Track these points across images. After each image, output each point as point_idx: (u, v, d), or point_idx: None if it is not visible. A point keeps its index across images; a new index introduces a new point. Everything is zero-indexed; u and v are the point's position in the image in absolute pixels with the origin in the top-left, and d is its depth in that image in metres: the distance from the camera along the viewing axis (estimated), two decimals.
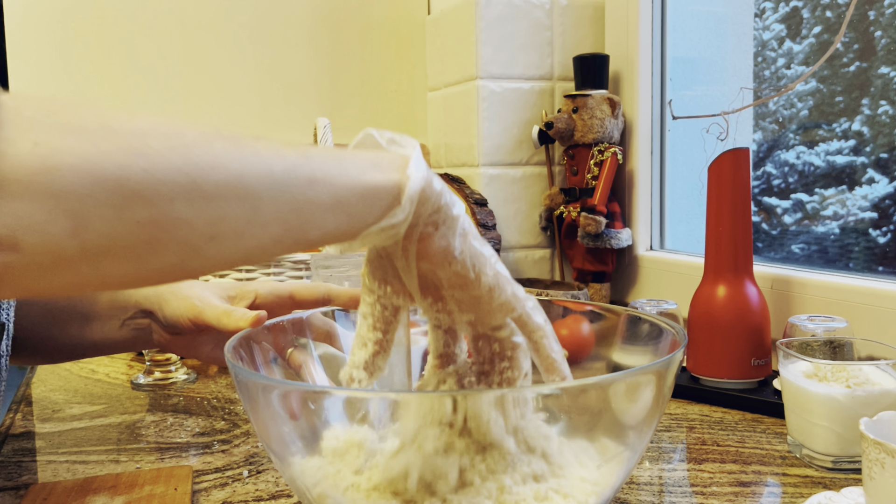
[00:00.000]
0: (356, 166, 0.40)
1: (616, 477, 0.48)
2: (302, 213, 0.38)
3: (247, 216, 0.36)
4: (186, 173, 0.34)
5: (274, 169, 0.37)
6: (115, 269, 0.34)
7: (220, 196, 0.35)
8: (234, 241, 0.36)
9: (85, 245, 0.32)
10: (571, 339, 0.61)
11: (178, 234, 0.34)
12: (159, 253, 0.34)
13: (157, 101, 1.27)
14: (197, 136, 0.35)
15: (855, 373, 0.62)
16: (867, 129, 0.96)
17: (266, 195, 0.36)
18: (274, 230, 0.37)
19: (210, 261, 0.37)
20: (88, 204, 0.31)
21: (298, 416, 0.46)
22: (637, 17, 1.15)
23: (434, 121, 1.39)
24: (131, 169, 0.32)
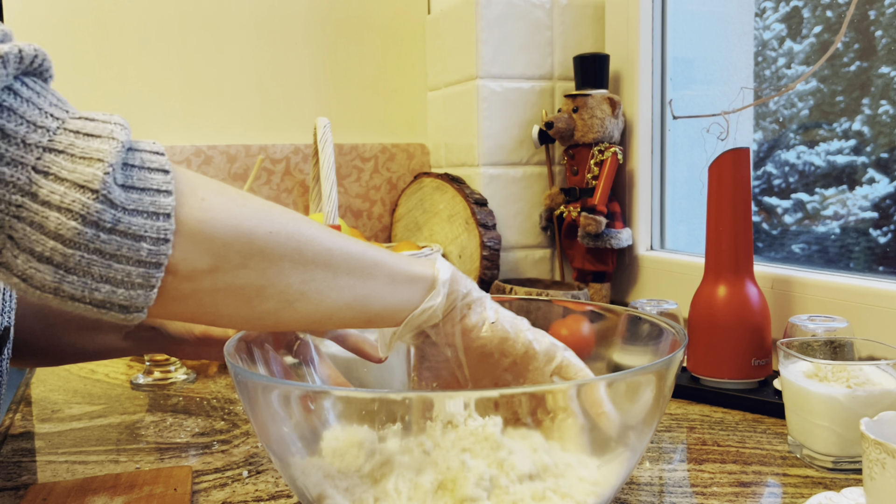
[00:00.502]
0: (402, 259, 0.51)
1: (616, 477, 0.47)
2: (367, 286, 0.48)
3: (327, 281, 0.46)
4: (296, 240, 0.44)
5: (350, 249, 0.47)
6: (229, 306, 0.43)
7: (313, 263, 0.45)
8: (317, 300, 0.46)
9: (215, 280, 0.42)
10: (571, 339, 0.61)
11: (280, 285, 0.44)
12: (263, 300, 0.44)
13: (157, 101, 1.27)
14: (301, 216, 0.46)
15: (855, 373, 0.62)
16: (868, 128, 0.96)
17: (343, 267, 0.46)
18: (346, 296, 0.47)
19: (297, 314, 0.46)
20: (227, 251, 0.41)
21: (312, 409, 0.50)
22: (637, 17, 1.15)
23: (434, 121, 1.39)
24: (260, 229, 0.43)
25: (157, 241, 0.39)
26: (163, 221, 0.39)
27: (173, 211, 0.39)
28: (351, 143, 1.37)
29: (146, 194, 0.39)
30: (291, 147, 1.33)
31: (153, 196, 0.39)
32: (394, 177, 1.40)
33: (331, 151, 1.09)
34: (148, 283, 0.39)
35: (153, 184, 0.39)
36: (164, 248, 0.39)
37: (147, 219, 0.38)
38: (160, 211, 0.39)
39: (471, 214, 1.19)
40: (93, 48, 1.23)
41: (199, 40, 1.29)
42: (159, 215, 0.39)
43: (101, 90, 1.24)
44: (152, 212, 0.39)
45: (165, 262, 0.39)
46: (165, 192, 0.39)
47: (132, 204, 0.38)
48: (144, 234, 0.38)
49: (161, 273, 0.39)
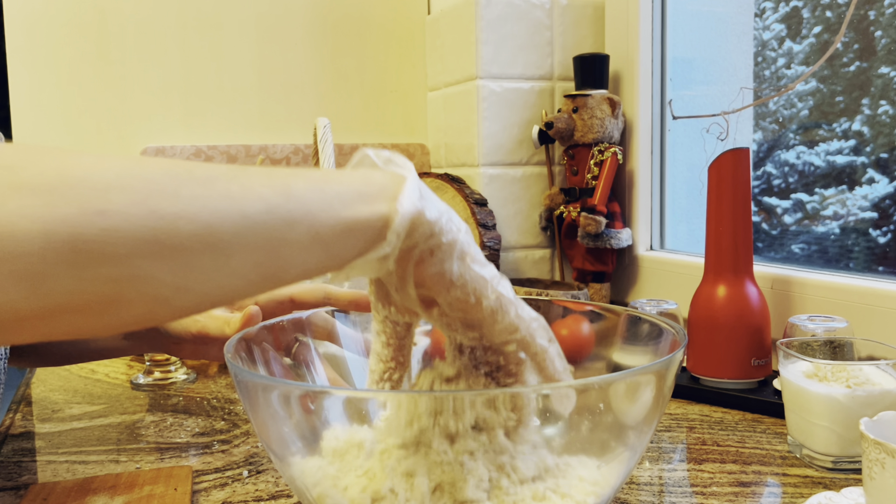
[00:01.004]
0: (340, 199, 0.38)
1: (616, 477, 0.48)
2: (278, 255, 0.36)
3: (216, 265, 0.34)
4: (150, 227, 0.32)
5: (247, 212, 0.35)
6: (78, 322, 0.33)
7: (187, 248, 0.33)
8: (205, 290, 0.35)
9: (43, 304, 0.31)
10: (571, 339, 0.61)
11: (142, 288, 0.33)
12: (124, 307, 0.33)
13: (157, 101, 1.27)
14: (165, 184, 0.34)
15: (855, 373, 0.62)
16: (867, 128, 0.96)
17: (237, 242, 0.35)
18: (247, 275, 0.36)
19: (180, 309, 0.35)
20: (42, 265, 0.30)
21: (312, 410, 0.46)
22: (637, 17, 1.15)
23: (434, 121, 1.39)
24: (87, 228, 0.31)
25: None
26: None
27: None
28: (351, 143, 1.37)
29: None
30: (291, 147, 1.33)
31: None
32: None
33: (331, 151, 1.09)
34: None
35: None
36: None
37: None
38: None
39: (471, 214, 1.19)
40: (93, 48, 1.23)
41: (199, 40, 1.29)
42: None
43: (101, 90, 1.24)
44: None
45: None
46: None
47: None
48: None
49: None
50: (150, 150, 1.24)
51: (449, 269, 0.41)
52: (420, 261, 0.41)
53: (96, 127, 1.24)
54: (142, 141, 1.26)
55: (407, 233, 0.39)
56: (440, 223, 0.41)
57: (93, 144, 1.24)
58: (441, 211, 0.41)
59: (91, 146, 1.24)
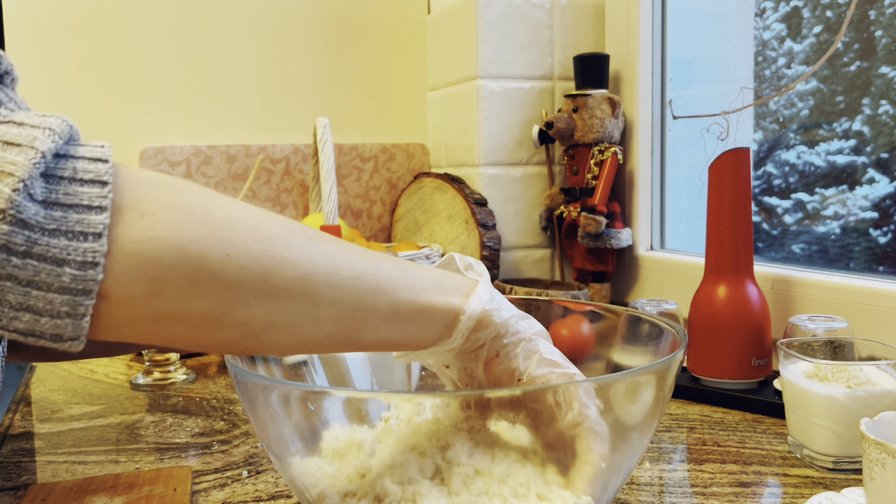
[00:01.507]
0: (421, 284, 0.43)
1: (616, 477, 0.47)
2: (358, 318, 0.41)
3: (305, 311, 0.39)
4: (262, 265, 0.38)
5: (342, 273, 0.40)
6: (178, 334, 0.38)
7: (286, 290, 0.38)
8: (289, 331, 0.40)
9: (158, 309, 0.36)
10: (571, 339, 0.61)
11: (238, 315, 0.38)
12: (220, 329, 0.38)
13: (157, 101, 1.27)
14: (282, 233, 0.39)
15: (855, 373, 0.62)
16: (868, 128, 0.96)
17: (328, 296, 0.40)
18: (328, 328, 0.40)
19: (264, 345, 0.40)
20: (169, 275, 0.36)
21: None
22: (637, 17, 1.15)
23: (434, 121, 1.39)
24: (214, 252, 0.37)
25: (83, 266, 0.34)
26: (91, 242, 0.34)
27: (105, 230, 0.34)
28: (351, 143, 1.37)
29: (73, 211, 0.34)
30: (291, 147, 1.33)
31: (81, 213, 0.34)
32: (394, 177, 1.40)
33: (331, 151, 1.09)
34: (76, 312, 0.34)
35: (83, 199, 0.34)
36: (93, 273, 0.34)
37: (71, 240, 0.34)
38: (88, 230, 0.34)
39: (471, 214, 1.19)
40: (93, 48, 1.23)
41: (199, 40, 1.29)
42: (87, 235, 0.34)
43: (101, 90, 1.24)
44: (78, 231, 0.34)
45: (95, 289, 0.34)
46: (98, 209, 0.34)
47: (53, 223, 0.34)
48: (67, 258, 0.34)
49: (91, 300, 0.34)
50: (150, 149, 1.24)
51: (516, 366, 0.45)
52: (488, 359, 0.45)
53: (96, 127, 1.24)
54: (141, 141, 1.26)
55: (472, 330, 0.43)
56: (507, 325, 0.44)
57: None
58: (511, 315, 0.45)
59: None
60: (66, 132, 0.36)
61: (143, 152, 1.23)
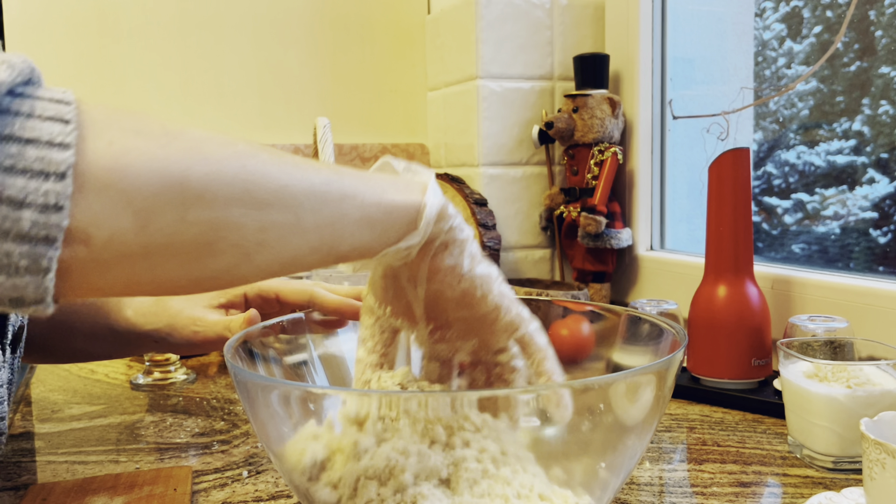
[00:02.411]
0: (380, 186, 0.42)
1: (616, 477, 0.47)
2: (336, 225, 0.40)
3: (290, 224, 0.38)
4: (242, 179, 0.36)
5: (313, 181, 0.39)
6: (171, 269, 0.35)
7: (269, 204, 0.37)
8: (278, 248, 0.38)
9: (148, 242, 0.33)
10: (571, 339, 0.61)
11: (232, 237, 0.36)
12: (214, 255, 0.36)
13: (157, 101, 1.27)
14: (246, 148, 0.38)
15: (855, 373, 0.62)
16: (868, 128, 0.96)
17: (307, 206, 0.38)
18: (312, 239, 0.39)
19: (257, 268, 0.38)
20: (155, 203, 0.33)
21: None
22: (637, 17, 1.15)
23: (434, 121, 1.39)
24: (194, 172, 0.34)
25: (44, 209, 0.30)
26: (53, 183, 0.30)
27: (70, 169, 0.30)
28: (351, 143, 1.37)
29: (32, 147, 0.30)
30: (291, 147, 1.33)
31: (41, 150, 0.30)
32: None
33: (331, 151, 1.09)
34: (37, 266, 0.30)
35: (43, 135, 0.30)
36: (56, 218, 0.30)
37: (30, 179, 0.30)
38: (49, 169, 0.30)
39: (471, 214, 1.19)
40: (93, 48, 1.23)
41: (199, 40, 1.29)
42: (48, 175, 0.30)
43: (101, 90, 1.24)
44: (38, 170, 0.30)
45: (59, 236, 0.30)
46: (60, 146, 0.31)
47: (7, 159, 0.30)
48: (26, 200, 0.30)
49: (55, 251, 0.30)
50: None
51: (461, 262, 0.45)
52: (436, 253, 0.44)
53: None
54: None
55: (435, 222, 0.43)
56: (458, 219, 0.45)
57: None
58: (457, 211, 0.45)
59: None
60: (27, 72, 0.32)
61: None
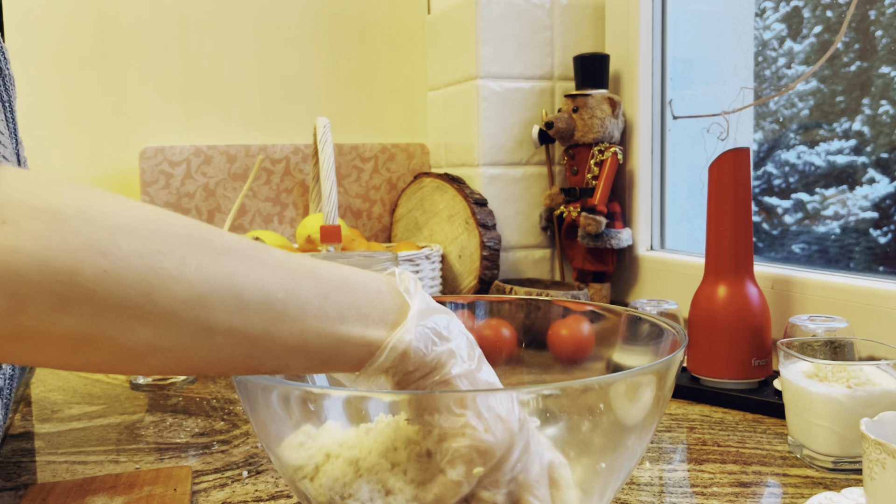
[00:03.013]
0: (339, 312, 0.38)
1: (615, 477, 0.47)
2: (260, 346, 0.36)
3: (198, 337, 0.35)
4: (146, 283, 0.33)
5: (243, 296, 0.35)
6: (47, 355, 0.33)
7: (173, 313, 0.34)
8: (179, 356, 0.35)
9: (20, 327, 0.32)
10: (571, 339, 0.61)
11: (118, 339, 0.33)
12: (96, 351, 0.33)
13: (157, 101, 1.27)
14: (175, 246, 0.34)
15: (856, 373, 0.62)
16: (868, 128, 0.96)
17: (223, 322, 0.35)
18: (225, 356, 0.36)
19: (149, 368, 0.35)
20: (33, 289, 0.31)
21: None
22: (637, 17, 1.15)
23: (434, 121, 1.39)
24: (88, 266, 0.32)
25: None
26: None
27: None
28: (351, 143, 1.37)
29: None
30: (291, 147, 1.33)
31: None
32: (394, 177, 1.40)
33: (331, 151, 1.09)
34: None
35: None
36: None
37: None
38: None
39: (471, 214, 1.19)
40: (93, 48, 1.23)
41: (199, 40, 1.29)
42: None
43: (101, 90, 1.24)
44: None
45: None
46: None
47: None
48: None
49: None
50: (150, 149, 1.24)
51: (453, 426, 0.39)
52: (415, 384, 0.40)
53: (95, 127, 1.24)
54: (141, 141, 1.26)
55: (392, 365, 0.39)
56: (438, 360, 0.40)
57: (92, 144, 1.24)
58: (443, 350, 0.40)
59: (90, 146, 1.24)
60: None
61: (143, 152, 1.23)
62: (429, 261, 1.15)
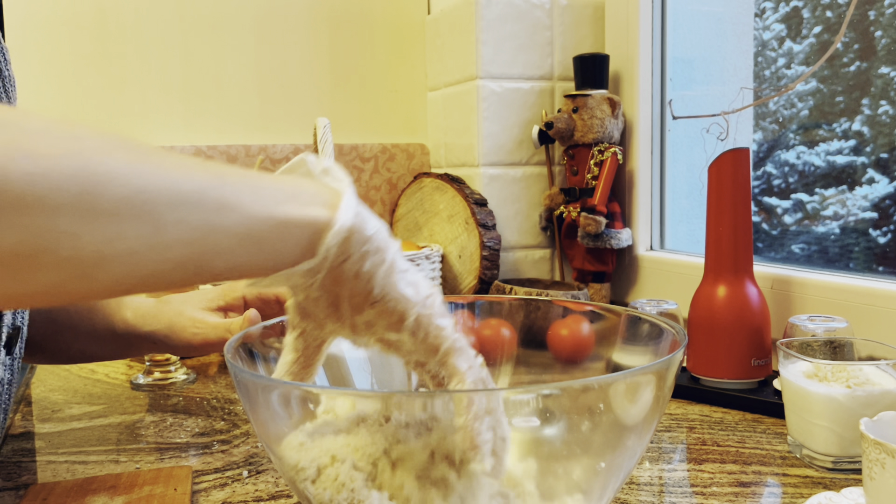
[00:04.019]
0: (272, 195, 0.36)
1: (615, 477, 0.47)
2: (208, 239, 0.34)
3: (145, 236, 0.32)
4: (78, 182, 0.30)
5: (181, 188, 0.33)
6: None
7: (116, 212, 0.31)
8: (129, 264, 0.32)
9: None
10: (571, 339, 0.61)
11: (61, 249, 0.30)
12: (37, 270, 0.30)
13: (158, 101, 1.27)
14: (98, 143, 0.32)
15: (855, 373, 0.62)
16: (867, 129, 0.96)
17: (169, 215, 0.32)
18: (175, 254, 0.33)
19: (98, 284, 0.32)
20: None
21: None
22: (637, 17, 1.15)
23: (434, 121, 1.39)
24: (12, 170, 0.28)
25: None
26: None
27: None
28: (351, 143, 1.37)
29: None
30: (291, 147, 1.33)
31: None
32: (394, 177, 1.40)
33: (331, 151, 1.09)
34: None
35: None
36: None
37: None
38: None
39: (471, 214, 1.19)
40: (93, 48, 1.23)
41: (199, 40, 1.29)
42: None
43: (101, 90, 1.24)
44: None
45: None
46: None
47: None
48: None
49: None
50: None
51: (372, 287, 0.39)
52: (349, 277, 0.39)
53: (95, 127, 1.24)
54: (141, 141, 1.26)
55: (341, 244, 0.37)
56: (378, 238, 0.39)
57: None
58: (377, 228, 0.39)
59: None
60: None
61: None
62: (429, 261, 1.15)
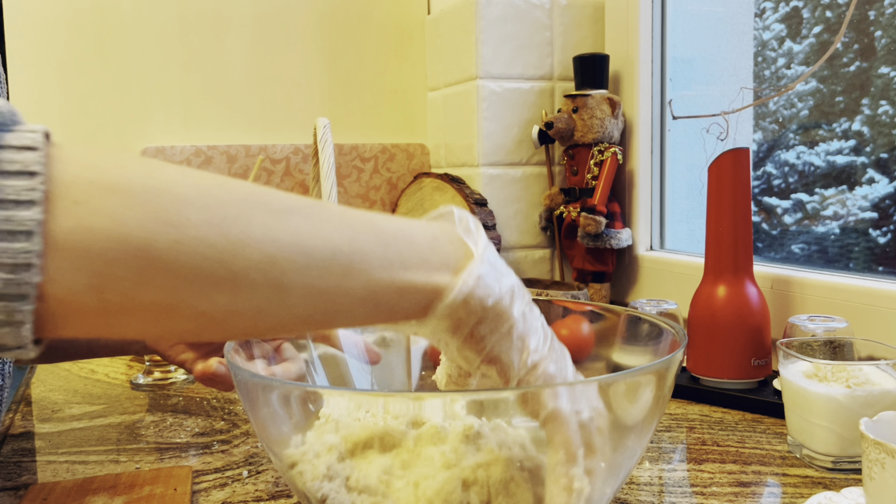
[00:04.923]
0: (402, 259, 0.39)
1: (615, 477, 0.47)
2: (332, 300, 0.37)
3: (272, 297, 0.36)
4: (217, 250, 0.34)
5: (311, 254, 0.36)
6: (130, 327, 0.34)
7: (247, 277, 0.35)
8: (256, 319, 0.36)
9: (104, 303, 0.33)
10: (571, 339, 0.61)
11: (197, 306, 0.34)
12: (177, 320, 0.35)
13: (157, 101, 1.27)
14: (240, 210, 0.35)
15: (855, 373, 0.62)
16: (867, 129, 0.96)
17: (296, 281, 0.36)
18: (298, 313, 0.37)
19: (227, 332, 0.37)
20: (113, 267, 0.32)
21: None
22: (637, 17, 1.15)
23: (434, 121, 1.39)
24: (161, 238, 0.33)
25: (14, 269, 0.30)
26: (22, 242, 0.31)
27: (38, 227, 0.31)
28: (351, 143, 1.37)
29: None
30: (291, 147, 1.33)
31: (8, 209, 0.31)
32: (394, 177, 1.40)
33: (331, 151, 1.09)
34: (13, 320, 0.31)
35: (9, 193, 0.31)
36: (27, 276, 0.31)
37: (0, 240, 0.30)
38: (17, 229, 0.31)
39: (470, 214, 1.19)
40: (92, 48, 1.23)
41: (199, 40, 1.29)
42: (16, 234, 0.31)
43: (101, 90, 1.24)
44: (6, 231, 0.31)
45: (32, 293, 0.31)
46: (27, 203, 0.31)
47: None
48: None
49: (28, 306, 0.31)
50: (150, 150, 1.24)
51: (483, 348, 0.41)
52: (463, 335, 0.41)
53: (96, 127, 1.24)
54: (141, 141, 1.26)
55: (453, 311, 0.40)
56: (496, 309, 0.41)
57: (92, 144, 1.24)
58: (499, 296, 0.41)
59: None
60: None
61: (144, 152, 1.23)
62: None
